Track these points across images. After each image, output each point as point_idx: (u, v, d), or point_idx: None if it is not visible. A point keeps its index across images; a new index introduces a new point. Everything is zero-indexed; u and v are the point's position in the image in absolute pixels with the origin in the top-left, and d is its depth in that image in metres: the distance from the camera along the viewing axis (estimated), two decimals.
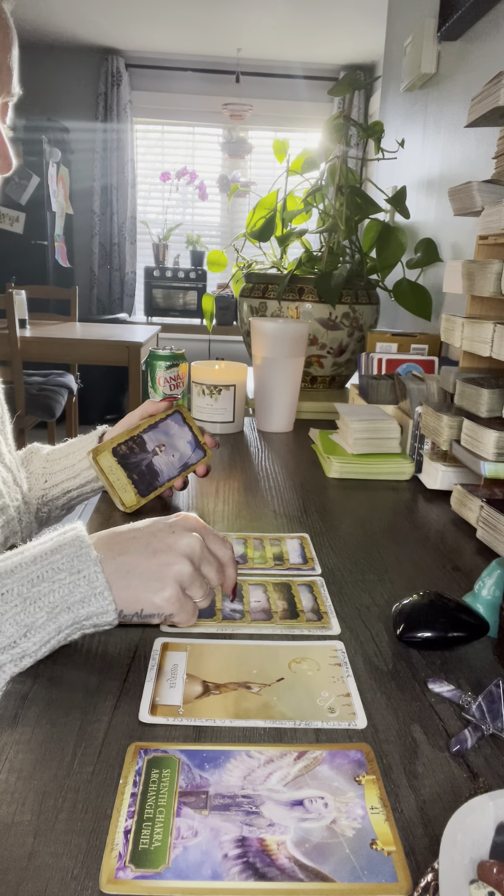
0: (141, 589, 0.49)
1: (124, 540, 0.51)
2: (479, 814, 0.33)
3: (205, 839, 0.37)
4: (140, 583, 0.49)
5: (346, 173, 1.49)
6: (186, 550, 0.51)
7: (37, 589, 0.46)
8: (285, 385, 1.21)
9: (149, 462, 0.79)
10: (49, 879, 0.34)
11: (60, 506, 0.89)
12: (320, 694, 0.49)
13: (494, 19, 1.24)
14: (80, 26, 3.96)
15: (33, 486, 0.87)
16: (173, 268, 4.42)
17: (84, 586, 0.47)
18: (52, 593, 0.46)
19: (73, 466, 0.86)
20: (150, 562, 0.50)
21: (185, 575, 0.50)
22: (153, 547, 0.51)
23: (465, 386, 0.84)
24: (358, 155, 1.71)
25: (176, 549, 0.51)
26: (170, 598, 0.49)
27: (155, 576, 0.49)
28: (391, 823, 0.38)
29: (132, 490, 0.77)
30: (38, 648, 0.46)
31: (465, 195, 0.92)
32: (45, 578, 0.47)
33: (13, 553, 0.49)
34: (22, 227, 4.04)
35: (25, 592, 0.46)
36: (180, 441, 0.82)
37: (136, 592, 0.49)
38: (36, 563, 0.47)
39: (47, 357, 2.94)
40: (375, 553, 0.74)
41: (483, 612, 0.58)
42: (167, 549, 0.50)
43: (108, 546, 0.50)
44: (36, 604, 0.46)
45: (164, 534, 0.52)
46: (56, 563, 0.47)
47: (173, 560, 0.50)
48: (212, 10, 3.59)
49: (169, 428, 0.82)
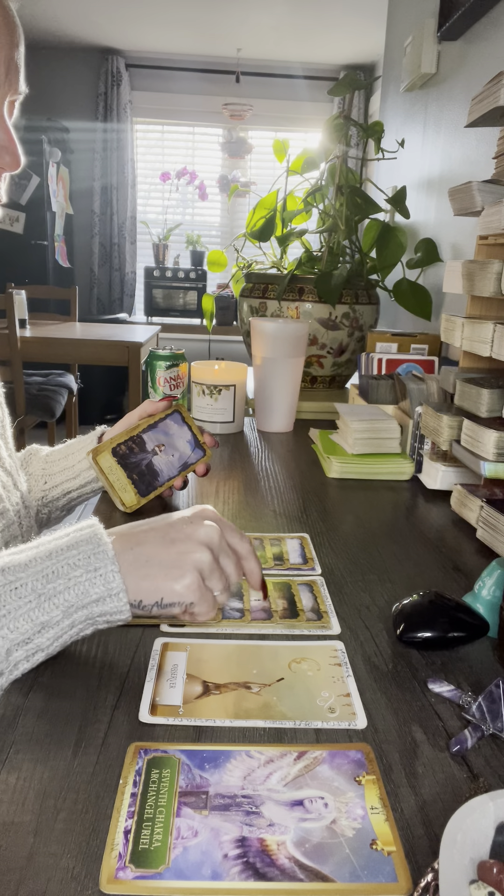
0: (160, 578, 0.48)
1: (141, 532, 0.50)
2: (479, 814, 0.33)
3: (205, 839, 0.37)
4: (159, 571, 0.48)
5: (346, 173, 1.49)
6: (205, 539, 0.50)
7: (52, 585, 0.45)
8: (285, 385, 1.21)
9: (148, 462, 0.79)
10: (49, 879, 0.34)
11: (60, 507, 0.89)
12: (320, 694, 0.49)
13: (494, 19, 1.24)
14: (80, 26, 3.96)
15: (33, 487, 0.87)
16: (173, 268, 4.42)
17: (100, 586, 0.46)
18: (68, 591, 0.46)
19: (72, 467, 0.86)
20: (169, 550, 0.49)
21: (204, 563, 0.49)
22: (171, 537, 0.50)
23: (465, 386, 0.84)
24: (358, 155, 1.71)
25: (194, 537, 0.50)
26: (190, 586, 0.48)
27: (174, 564, 0.48)
28: (391, 823, 0.38)
29: (132, 490, 0.77)
30: (51, 643, 0.46)
31: (465, 195, 0.92)
32: (60, 575, 0.46)
33: (28, 546, 0.48)
34: (22, 227, 4.04)
35: (40, 588, 0.45)
36: (179, 441, 0.82)
37: (156, 582, 0.48)
38: (51, 558, 0.47)
39: (47, 357, 2.94)
40: (375, 553, 0.74)
41: (483, 612, 0.58)
42: (185, 538, 0.49)
43: (124, 539, 0.49)
44: (51, 601, 0.45)
45: (182, 524, 0.51)
46: (72, 559, 0.47)
47: (192, 548, 0.49)
48: (212, 10, 3.58)
49: (168, 428, 0.82)
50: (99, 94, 4.44)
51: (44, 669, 0.51)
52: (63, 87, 4.45)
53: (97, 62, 4.42)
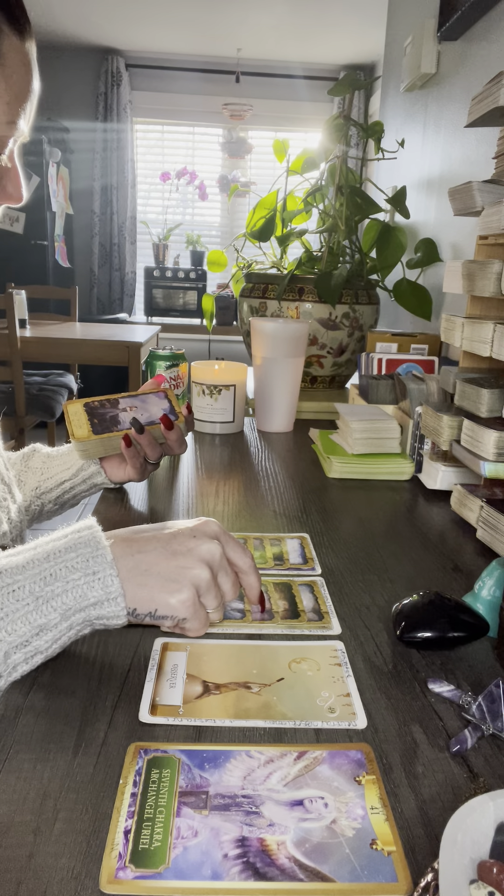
0: (157, 589, 0.48)
1: (143, 539, 0.50)
2: (479, 814, 0.33)
3: (205, 839, 0.37)
4: (157, 582, 0.48)
5: (346, 173, 1.49)
6: (206, 556, 0.50)
7: (50, 588, 0.45)
8: (285, 385, 1.21)
9: (114, 414, 0.81)
10: (49, 879, 0.34)
11: (54, 499, 0.88)
12: (320, 694, 0.49)
13: (494, 19, 1.24)
14: (80, 26, 3.96)
15: (30, 480, 0.87)
16: (173, 268, 4.42)
17: (99, 590, 0.46)
18: (66, 594, 0.45)
19: (71, 462, 0.87)
20: (169, 563, 0.49)
21: (202, 580, 0.49)
22: (172, 548, 0.50)
23: (465, 386, 0.84)
24: (358, 155, 1.71)
25: (196, 553, 0.50)
26: (185, 602, 0.48)
27: (172, 577, 0.48)
28: (391, 823, 0.38)
29: (87, 427, 0.78)
30: (50, 646, 0.46)
31: (465, 195, 0.92)
32: (58, 577, 0.46)
33: (25, 548, 0.48)
34: (22, 227, 4.04)
35: (38, 591, 0.45)
36: (154, 407, 0.83)
37: (152, 592, 0.48)
38: (49, 560, 0.46)
39: (47, 357, 2.94)
40: (375, 553, 0.74)
41: (483, 612, 0.58)
42: (187, 553, 0.49)
43: (125, 544, 0.49)
44: (49, 604, 0.45)
45: (185, 537, 0.51)
46: (70, 561, 0.46)
47: (192, 564, 0.49)
48: (212, 10, 3.59)
49: (148, 399, 0.84)
50: (99, 94, 4.44)
51: (43, 669, 0.51)
52: (63, 87, 4.45)
53: (97, 62, 4.43)
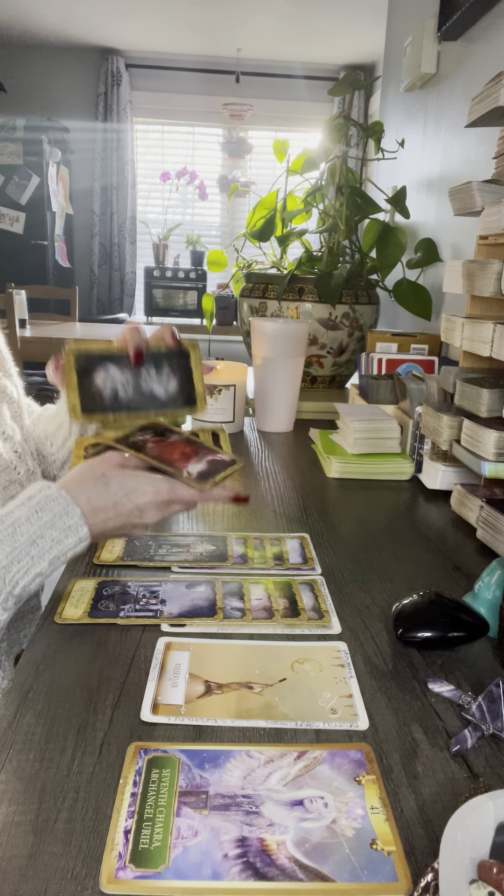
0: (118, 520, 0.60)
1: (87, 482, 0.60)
2: (479, 814, 0.33)
3: (205, 839, 0.37)
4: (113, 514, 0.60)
5: (346, 173, 1.49)
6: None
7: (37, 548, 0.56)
8: (285, 385, 1.21)
9: (112, 386, 0.67)
10: (49, 879, 0.34)
11: (60, 464, 0.89)
12: (322, 695, 0.49)
13: (494, 19, 1.24)
14: (80, 26, 3.96)
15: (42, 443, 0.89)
16: (173, 268, 4.42)
17: (73, 537, 0.57)
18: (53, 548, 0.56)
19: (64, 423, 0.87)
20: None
21: None
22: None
23: (465, 386, 0.84)
24: (358, 155, 1.70)
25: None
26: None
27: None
28: (391, 823, 0.38)
29: (76, 400, 0.66)
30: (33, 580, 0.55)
31: (465, 195, 0.92)
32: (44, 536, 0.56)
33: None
34: (22, 227, 4.04)
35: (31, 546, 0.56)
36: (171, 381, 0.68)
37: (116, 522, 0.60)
38: (30, 521, 0.56)
39: (47, 357, 2.90)
40: (375, 553, 0.74)
41: (483, 612, 0.58)
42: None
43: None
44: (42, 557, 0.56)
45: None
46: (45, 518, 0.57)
47: None
48: (212, 10, 3.58)
49: (160, 363, 0.67)
50: (99, 94, 4.44)
51: (44, 669, 0.51)
52: (63, 87, 4.44)
53: (97, 62, 4.42)
